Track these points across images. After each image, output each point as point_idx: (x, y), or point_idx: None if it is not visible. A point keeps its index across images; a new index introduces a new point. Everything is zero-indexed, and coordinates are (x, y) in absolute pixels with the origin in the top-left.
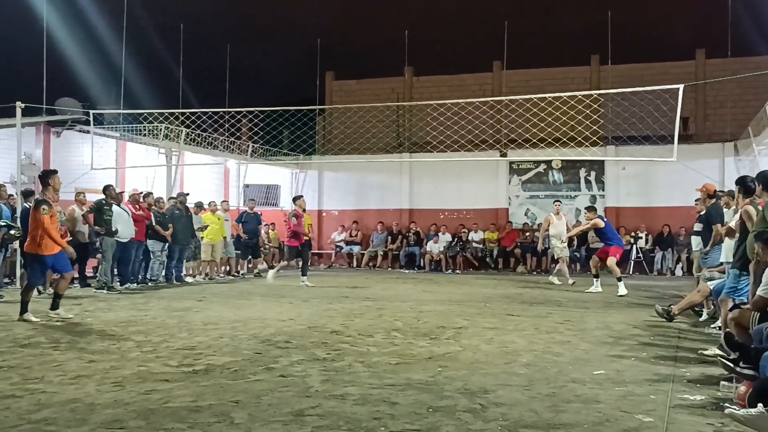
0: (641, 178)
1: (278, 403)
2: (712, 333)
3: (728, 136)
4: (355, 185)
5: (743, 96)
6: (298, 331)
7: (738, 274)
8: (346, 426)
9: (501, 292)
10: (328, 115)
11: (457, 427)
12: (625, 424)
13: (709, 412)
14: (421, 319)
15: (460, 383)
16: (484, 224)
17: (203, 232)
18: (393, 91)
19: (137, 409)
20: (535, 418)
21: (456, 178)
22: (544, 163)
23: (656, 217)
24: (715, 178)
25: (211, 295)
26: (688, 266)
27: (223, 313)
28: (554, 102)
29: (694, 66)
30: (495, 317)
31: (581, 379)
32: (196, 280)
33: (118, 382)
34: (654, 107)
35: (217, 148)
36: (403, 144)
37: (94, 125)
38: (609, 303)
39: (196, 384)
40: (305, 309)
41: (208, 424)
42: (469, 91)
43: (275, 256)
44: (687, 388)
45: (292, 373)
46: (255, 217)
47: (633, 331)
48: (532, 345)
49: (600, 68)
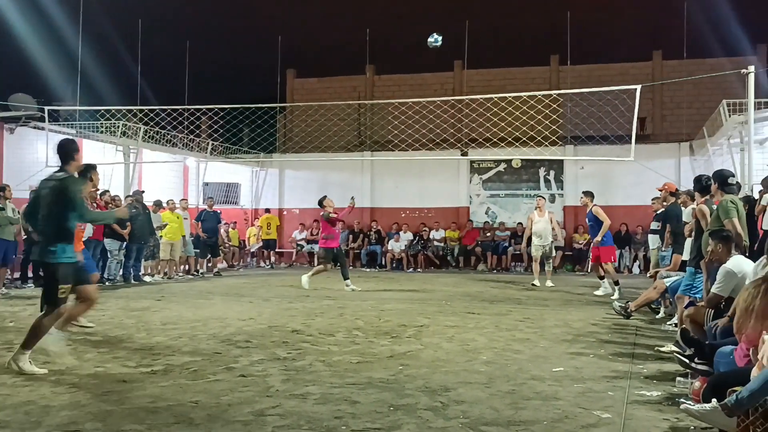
0: (599, 177)
1: (238, 403)
2: (668, 330)
3: (684, 136)
4: (316, 184)
5: (698, 97)
6: (258, 331)
7: (694, 272)
8: (307, 425)
9: (462, 290)
10: (289, 113)
11: (418, 426)
12: (583, 421)
13: (665, 407)
14: (382, 318)
15: (421, 381)
16: (445, 223)
17: (162, 230)
18: (354, 89)
19: (94, 410)
20: (495, 416)
21: (417, 176)
22: (504, 162)
23: (614, 215)
24: (672, 177)
25: (170, 294)
26: (645, 264)
27: (183, 313)
28: (514, 102)
29: (651, 67)
30: (456, 315)
31: (541, 377)
32: (154, 279)
33: (74, 383)
34: (612, 107)
35: (176, 145)
36: (364, 143)
37: (49, 121)
38: (567, 301)
39: (154, 385)
40: (266, 308)
41: (167, 425)
42: (431, 90)
43: (235, 254)
44: (644, 384)
45: (252, 373)
46: (214, 215)
47: (591, 329)
48: (492, 343)
49: (559, 68)
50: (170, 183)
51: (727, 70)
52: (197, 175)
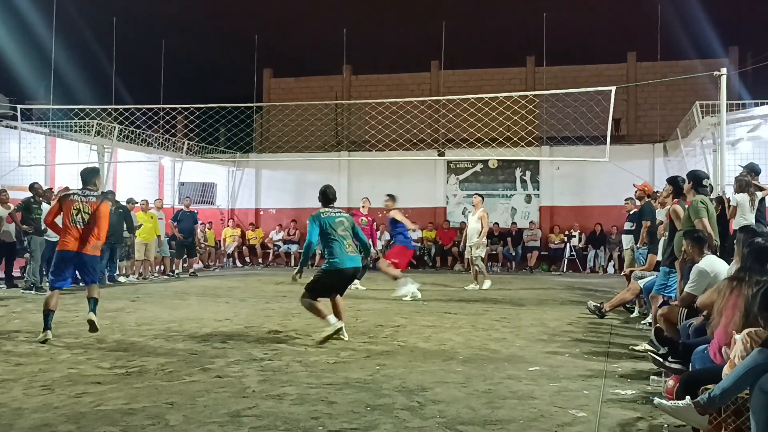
0: (575, 177)
1: (214, 404)
2: (642, 329)
3: (658, 137)
4: (293, 184)
5: (672, 98)
6: (235, 331)
7: (668, 272)
8: (284, 426)
9: (438, 290)
10: (266, 112)
11: (395, 425)
12: (559, 419)
13: (639, 406)
14: (359, 318)
15: (398, 381)
16: (422, 223)
17: (137, 230)
18: (331, 89)
19: (67, 412)
20: (472, 415)
21: (394, 177)
22: (481, 162)
23: (589, 216)
24: (646, 177)
25: (145, 295)
26: (619, 264)
27: (158, 314)
28: (491, 102)
29: (625, 69)
30: (432, 315)
31: (517, 376)
32: (129, 279)
33: (47, 385)
34: (587, 108)
35: (151, 145)
36: (341, 142)
37: (22, 120)
38: (543, 300)
39: (129, 386)
40: (242, 309)
41: (142, 426)
42: (408, 90)
43: (211, 255)
44: (618, 383)
45: (228, 374)
46: (191, 215)
47: (566, 328)
48: (469, 342)
49: (535, 70)
50: (145, 183)
51: (699, 72)
52: (173, 174)
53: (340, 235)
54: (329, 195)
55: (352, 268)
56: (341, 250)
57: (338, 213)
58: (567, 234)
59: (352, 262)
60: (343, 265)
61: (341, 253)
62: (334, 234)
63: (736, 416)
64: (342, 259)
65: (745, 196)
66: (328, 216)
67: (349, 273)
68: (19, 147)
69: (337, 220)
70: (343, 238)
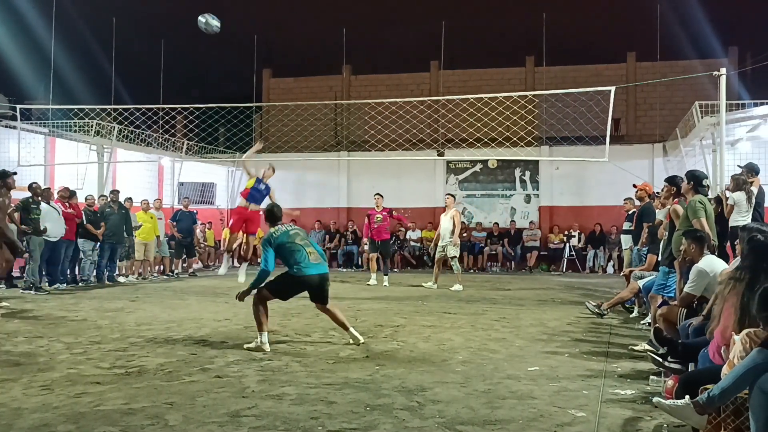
0: (574, 177)
1: (214, 404)
2: (641, 329)
3: (657, 137)
4: (293, 184)
5: (671, 98)
6: (234, 331)
7: (667, 272)
8: (283, 426)
9: (438, 290)
10: (265, 112)
11: (394, 425)
12: (558, 419)
13: (639, 406)
14: (359, 318)
15: (397, 381)
16: (421, 223)
17: (137, 231)
18: (331, 89)
19: (67, 413)
20: (471, 415)
21: (394, 177)
22: (480, 162)
23: (588, 216)
24: (645, 177)
25: (145, 295)
26: (619, 264)
27: (157, 314)
28: (490, 102)
29: (625, 69)
30: (432, 315)
31: (516, 376)
32: (128, 279)
33: (46, 385)
34: (587, 108)
35: (150, 145)
36: (340, 142)
37: (21, 120)
38: (542, 300)
39: (128, 386)
40: (241, 309)
41: (142, 427)
42: (407, 90)
43: (210, 255)
44: (618, 383)
45: (228, 374)
46: (190, 215)
47: (566, 328)
48: (468, 342)
49: (535, 70)
50: (145, 183)
51: (699, 72)
52: (172, 174)
53: (299, 244)
54: (276, 214)
55: (318, 274)
56: (303, 257)
57: (289, 226)
58: (566, 234)
59: (316, 269)
60: (307, 272)
61: (304, 259)
62: (293, 245)
63: (735, 416)
64: (306, 264)
65: (742, 194)
66: (280, 233)
67: (315, 280)
68: (18, 147)
69: (291, 233)
70: (304, 246)
